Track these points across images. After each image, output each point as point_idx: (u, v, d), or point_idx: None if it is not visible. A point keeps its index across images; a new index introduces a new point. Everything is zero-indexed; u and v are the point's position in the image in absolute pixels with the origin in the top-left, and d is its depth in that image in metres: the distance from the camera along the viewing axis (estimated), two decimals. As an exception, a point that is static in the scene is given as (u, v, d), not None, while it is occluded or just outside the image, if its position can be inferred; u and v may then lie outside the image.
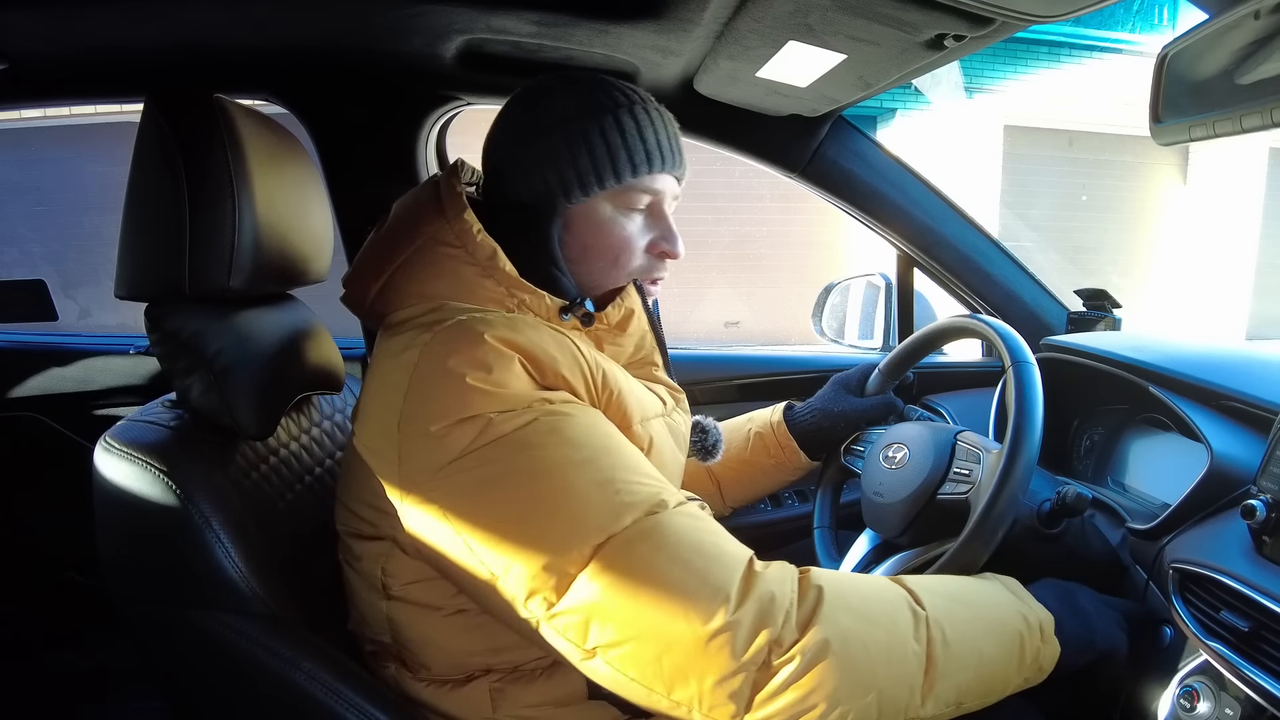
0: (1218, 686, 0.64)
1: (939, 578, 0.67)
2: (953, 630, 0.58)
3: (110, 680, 1.26)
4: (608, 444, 0.59)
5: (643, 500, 0.56)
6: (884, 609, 0.58)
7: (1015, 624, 0.63)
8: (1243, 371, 0.88)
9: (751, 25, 0.81)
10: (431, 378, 0.58)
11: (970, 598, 0.64)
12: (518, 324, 0.61)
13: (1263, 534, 0.65)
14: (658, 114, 0.71)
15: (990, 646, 0.60)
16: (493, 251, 0.65)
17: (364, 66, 1.05)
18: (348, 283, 0.71)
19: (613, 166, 0.67)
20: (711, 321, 5.66)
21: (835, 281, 1.49)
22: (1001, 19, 0.72)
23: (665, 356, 0.77)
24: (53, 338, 1.51)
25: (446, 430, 0.56)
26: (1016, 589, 0.68)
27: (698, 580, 0.53)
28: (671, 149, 0.71)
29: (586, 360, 0.63)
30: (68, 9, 0.82)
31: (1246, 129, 0.59)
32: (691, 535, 0.56)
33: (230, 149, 0.67)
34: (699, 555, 0.54)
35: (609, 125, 0.67)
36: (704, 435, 0.87)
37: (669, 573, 0.53)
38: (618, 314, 0.71)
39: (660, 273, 0.74)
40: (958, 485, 0.78)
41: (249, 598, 0.62)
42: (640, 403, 0.69)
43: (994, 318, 0.86)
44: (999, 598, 0.66)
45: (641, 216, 0.71)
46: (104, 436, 0.64)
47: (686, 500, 0.59)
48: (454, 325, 0.60)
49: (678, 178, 0.73)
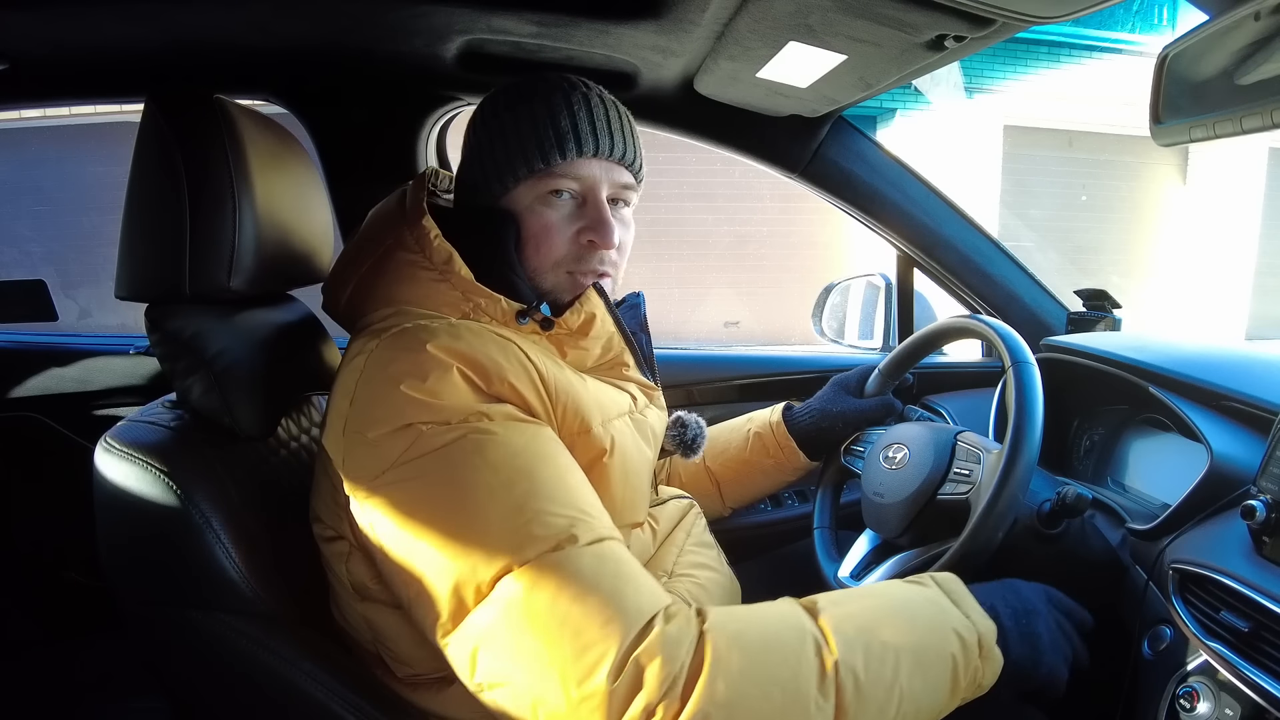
0: (1218, 687, 0.64)
1: (861, 601, 0.59)
2: (869, 674, 0.52)
3: (110, 680, 1.26)
4: (531, 468, 0.56)
5: (552, 534, 0.53)
6: (784, 664, 0.51)
7: (947, 647, 0.57)
8: (1243, 372, 0.88)
9: (752, 26, 0.81)
10: (373, 385, 0.58)
11: (895, 624, 0.57)
12: (461, 332, 0.60)
13: (1263, 534, 0.65)
14: (583, 100, 0.68)
15: (916, 681, 0.54)
16: (449, 256, 0.65)
17: (364, 67, 1.05)
18: (324, 289, 0.72)
19: (523, 154, 0.67)
20: (711, 321, 5.66)
21: (835, 282, 1.49)
22: (1002, 20, 0.72)
23: (637, 355, 0.77)
24: (53, 338, 1.51)
25: (381, 438, 0.56)
26: (959, 596, 0.61)
27: (587, 632, 0.50)
28: (594, 134, 0.68)
29: (535, 365, 0.62)
30: (68, 9, 0.82)
31: (1247, 130, 0.59)
32: (594, 579, 0.52)
33: (230, 149, 0.67)
34: (596, 603, 0.51)
35: (522, 114, 0.68)
36: (683, 430, 0.86)
37: (561, 617, 0.50)
38: (577, 319, 0.69)
39: (593, 264, 0.70)
40: (958, 485, 0.78)
41: (249, 598, 0.62)
42: (600, 405, 0.68)
43: (994, 318, 0.86)
44: (931, 617, 0.59)
45: (569, 205, 0.70)
46: (104, 437, 0.64)
47: (607, 538, 0.56)
48: (398, 333, 0.60)
49: (625, 165, 0.71)
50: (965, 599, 0.61)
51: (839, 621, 0.55)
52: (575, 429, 0.64)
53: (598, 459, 0.66)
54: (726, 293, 5.67)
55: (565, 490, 0.57)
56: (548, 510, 0.54)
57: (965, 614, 0.60)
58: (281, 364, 0.74)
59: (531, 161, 0.67)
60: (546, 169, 0.68)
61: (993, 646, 0.59)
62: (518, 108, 0.68)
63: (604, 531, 0.56)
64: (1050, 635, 0.63)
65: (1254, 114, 0.58)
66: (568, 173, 0.68)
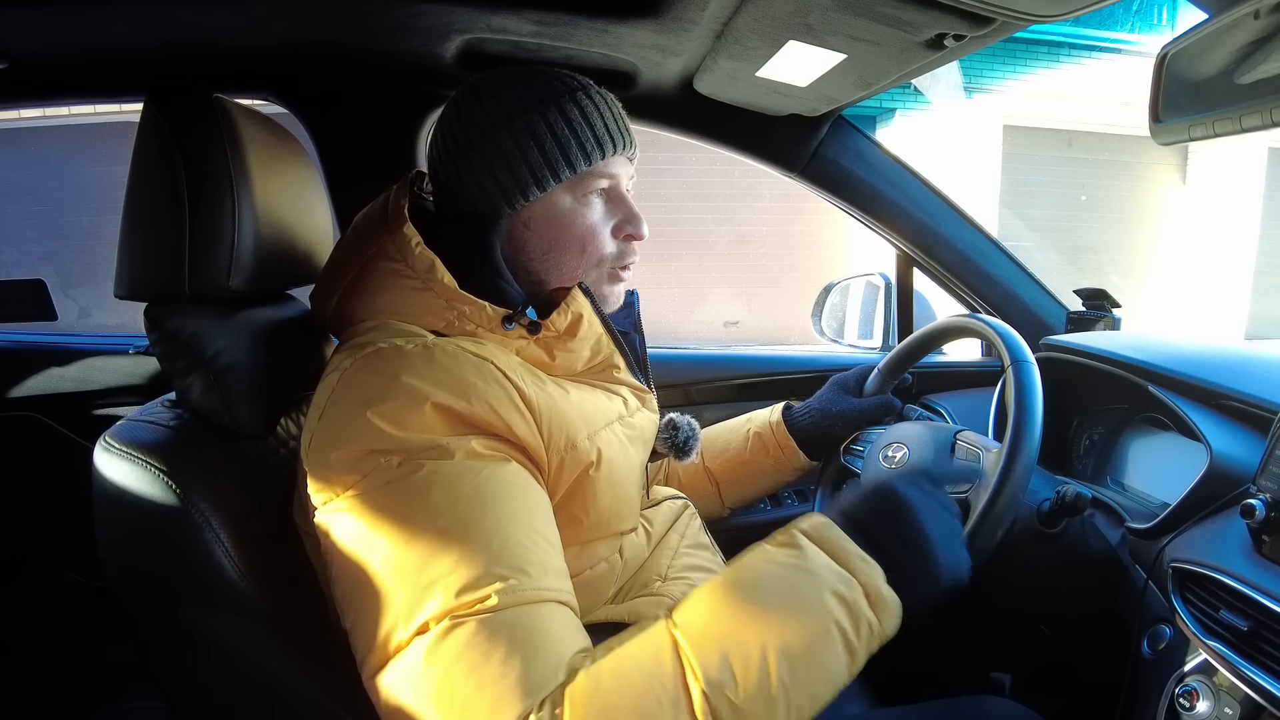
0: (1217, 686, 0.64)
1: (719, 605, 0.53)
2: (743, 691, 0.48)
3: (110, 680, 1.26)
4: (471, 518, 0.53)
5: (469, 597, 0.50)
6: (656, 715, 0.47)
7: (828, 619, 0.52)
8: (1242, 371, 0.89)
9: (751, 25, 0.81)
10: (341, 405, 0.58)
11: (761, 618, 0.51)
12: (436, 355, 0.59)
13: (1262, 533, 0.65)
14: (600, 98, 0.69)
15: (800, 673, 0.50)
16: (431, 264, 0.64)
17: (364, 66, 1.05)
18: (311, 299, 0.71)
19: (565, 157, 0.67)
20: (711, 321, 5.66)
21: (835, 281, 1.49)
22: (1001, 19, 0.72)
23: (628, 356, 0.75)
24: (52, 337, 1.51)
25: (341, 460, 0.56)
26: (831, 544, 0.55)
27: (475, 708, 0.47)
28: (620, 131, 0.70)
29: (514, 384, 0.61)
30: (67, 8, 0.82)
31: (1246, 129, 0.59)
32: (494, 650, 0.48)
33: (230, 149, 0.66)
34: (490, 676, 0.48)
35: (554, 116, 0.67)
36: (674, 432, 0.85)
37: (453, 689, 0.48)
38: (564, 320, 0.68)
39: (630, 258, 0.72)
40: (957, 484, 0.78)
41: (248, 597, 0.62)
42: (585, 416, 0.67)
43: (993, 317, 0.86)
44: (801, 590, 0.53)
45: (601, 203, 0.70)
46: (103, 436, 0.63)
47: (530, 602, 0.52)
48: (373, 354, 0.60)
49: (630, 158, 0.72)
50: (838, 546, 0.55)
51: (699, 641, 0.50)
52: (562, 445, 0.63)
53: (584, 472, 0.65)
54: (726, 292, 5.67)
55: (503, 543, 0.53)
56: (473, 566, 0.51)
57: (843, 565, 0.54)
58: (281, 363, 0.74)
59: (575, 163, 0.67)
60: (590, 168, 0.68)
61: (882, 590, 0.54)
62: (545, 109, 0.66)
63: (529, 594, 0.52)
64: (937, 525, 0.58)
65: (1254, 113, 0.58)
66: (605, 172, 0.69)
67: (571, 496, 0.65)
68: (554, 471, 0.63)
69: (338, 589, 0.56)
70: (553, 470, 0.63)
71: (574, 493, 0.65)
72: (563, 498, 0.64)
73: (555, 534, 0.59)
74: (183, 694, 0.68)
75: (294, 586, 0.67)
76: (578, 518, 0.66)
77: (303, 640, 0.64)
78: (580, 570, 0.67)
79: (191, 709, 0.69)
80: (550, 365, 0.69)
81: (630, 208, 0.71)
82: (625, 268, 0.73)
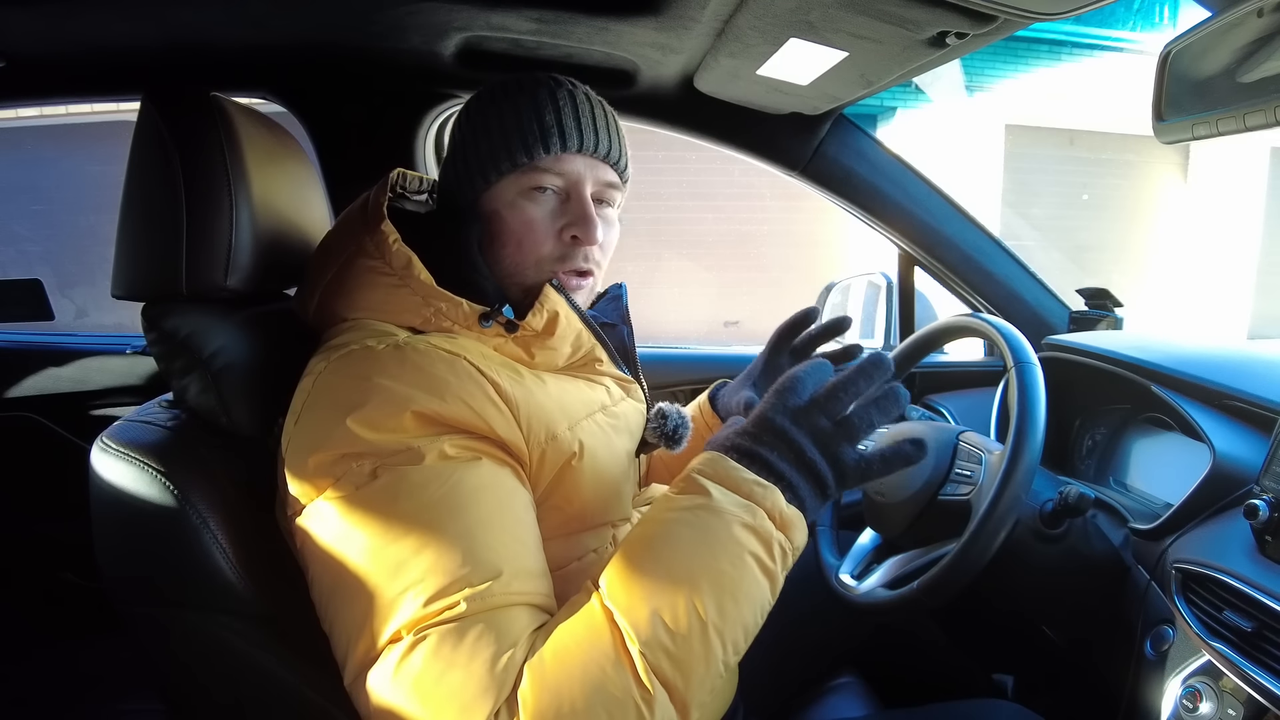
0: (1220, 687, 0.64)
1: (639, 565, 0.54)
2: (678, 640, 0.50)
3: (108, 681, 1.26)
4: (438, 523, 0.54)
5: (435, 607, 0.51)
6: (603, 690, 0.49)
7: (741, 550, 0.53)
8: (1245, 371, 0.88)
9: (752, 22, 0.81)
10: (316, 410, 0.58)
11: (679, 568, 0.53)
12: (408, 354, 0.59)
13: (1266, 534, 0.64)
14: (568, 96, 0.68)
15: (728, 608, 0.52)
16: (408, 260, 0.64)
17: (362, 64, 1.04)
18: (295, 299, 0.71)
19: (506, 148, 0.67)
20: (711, 321, 5.65)
21: (836, 280, 1.48)
22: (1003, 17, 0.72)
23: (609, 349, 0.75)
24: (49, 337, 1.51)
25: (316, 464, 0.56)
26: (727, 477, 0.56)
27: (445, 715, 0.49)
28: (578, 129, 0.67)
29: (487, 377, 0.61)
30: (64, 7, 0.81)
31: (1250, 127, 0.59)
32: (454, 661, 0.50)
33: (227, 147, 0.66)
34: (456, 684, 0.49)
35: (506, 109, 0.67)
36: (663, 421, 0.82)
37: (422, 699, 0.49)
38: (541, 319, 0.67)
39: (576, 262, 0.69)
40: (959, 486, 0.78)
41: (246, 599, 0.62)
42: (564, 408, 0.67)
43: (996, 317, 0.85)
44: (710, 531, 0.54)
45: (553, 201, 0.69)
46: (101, 437, 0.63)
47: (497, 607, 0.52)
48: (346, 356, 0.60)
49: (610, 163, 0.71)
50: (735, 478, 0.55)
51: (627, 603, 0.52)
52: (542, 437, 0.63)
53: (567, 464, 0.65)
54: (727, 292, 5.67)
55: (472, 548, 0.53)
56: (443, 574, 0.52)
57: (744, 496, 0.55)
58: (279, 363, 0.74)
59: (515, 155, 0.67)
60: (530, 163, 0.67)
61: (784, 510, 0.55)
62: (501, 103, 0.68)
63: (498, 599, 0.52)
64: (814, 434, 0.57)
65: (1257, 111, 0.58)
66: (551, 168, 0.68)
67: (555, 488, 0.65)
68: (535, 465, 0.63)
69: (315, 592, 0.57)
70: (534, 463, 0.63)
71: (557, 484, 0.65)
72: (546, 490, 0.64)
73: (532, 533, 0.59)
74: (181, 695, 0.68)
75: (292, 587, 0.67)
76: (562, 509, 0.66)
77: (300, 641, 0.64)
78: (568, 561, 0.66)
79: (189, 710, 0.69)
80: (530, 362, 0.69)
81: (582, 210, 0.68)
82: (580, 273, 0.70)
